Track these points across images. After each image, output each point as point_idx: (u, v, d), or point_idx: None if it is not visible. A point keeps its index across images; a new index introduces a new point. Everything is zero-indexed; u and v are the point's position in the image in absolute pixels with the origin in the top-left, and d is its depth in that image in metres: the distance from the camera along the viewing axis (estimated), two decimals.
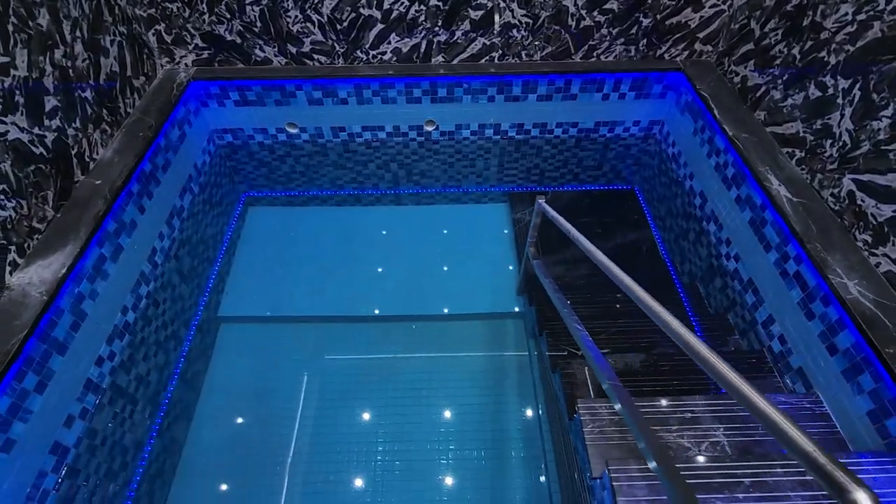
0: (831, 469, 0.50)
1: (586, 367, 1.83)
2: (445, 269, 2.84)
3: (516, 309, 2.64)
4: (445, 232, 3.03)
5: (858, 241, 1.61)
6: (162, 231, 2.20)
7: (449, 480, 2.06)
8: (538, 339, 2.31)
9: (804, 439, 0.57)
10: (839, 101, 1.68)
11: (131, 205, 1.98)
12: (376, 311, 2.65)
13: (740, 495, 1.17)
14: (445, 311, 2.65)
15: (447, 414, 2.25)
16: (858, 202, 1.60)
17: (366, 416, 2.25)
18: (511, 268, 2.83)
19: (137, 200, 2.02)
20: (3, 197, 1.53)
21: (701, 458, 1.23)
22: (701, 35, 2.40)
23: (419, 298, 2.70)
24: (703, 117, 2.30)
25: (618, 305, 2.29)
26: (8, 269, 1.55)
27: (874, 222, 1.54)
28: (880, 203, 1.52)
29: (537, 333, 2.31)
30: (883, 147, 1.52)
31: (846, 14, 1.65)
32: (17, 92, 1.59)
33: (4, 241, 1.54)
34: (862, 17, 1.59)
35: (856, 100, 1.61)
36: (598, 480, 1.33)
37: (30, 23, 1.63)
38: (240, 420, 2.25)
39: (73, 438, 1.64)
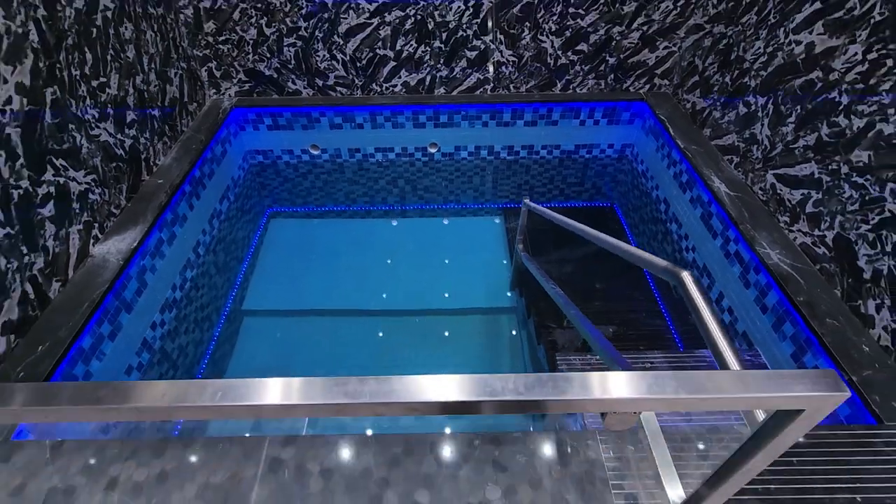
0: (664, 263, 0.84)
1: (565, 334, 2.14)
2: (446, 272, 3.19)
3: (509, 304, 2.97)
4: (446, 241, 3.40)
5: (780, 222, 1.97)
6: (204, 228, 2.58)
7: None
8: (528, 323, 2.63)
9: (644, 254, 0.91)
10: (759, 114, 2.10)
11: (184, 202, 2.38)
12: (384, 307, 2.98)
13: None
14: (446, 306, 2.98)
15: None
16: (778, 191, 1.98)
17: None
18: (505, 271, 3.18)
19: (189, 199, 2.42)
20: (93, 184, 1.93)
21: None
22: (658, 71, 2.88)
23: (422, 297, 3.03)
24: (663, 137, 2.73)
25: (597, 286, 2.63)
26: (91, 241, 1.92)
27: (789, 205, 1.92)
28: (792, 189, 1.90)
29: (526, 317, 2.63)
30: (791, 146, 1.92)
31: (759, 48, 2.10)
32: (109, 105, 2.03)
33: (91, 219, 1.92)
34: (770, 49, 2.04)
35: (770, 112, 2.03)
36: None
37: (121, 55, 2.10)
38: None
39: None
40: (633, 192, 3.20)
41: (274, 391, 0.52)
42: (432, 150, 3.16)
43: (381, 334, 2.81)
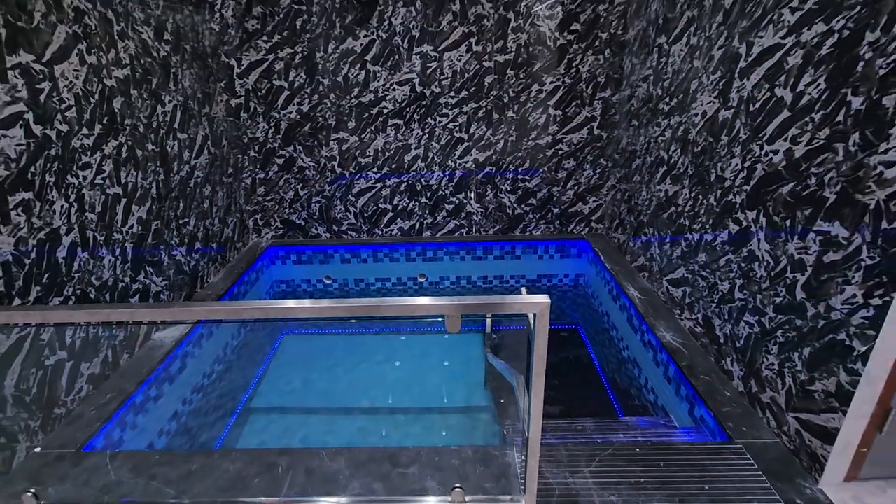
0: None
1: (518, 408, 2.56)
2: (431, 377, 3.65)
3: (484, 401, 3.36)
4: (432, 353, 3.93)
5: (675, 314, 2.57)
6: (234, 333, 3.22)
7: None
8: (495, 408, 3.02)
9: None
10: (652, 241, 2.86)
11: None
12: (375, 405, 3.39)
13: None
14: (429, 404, 3.38)
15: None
16: (671, 292, 2.62)
17: None
18: (481, 377, 3.63)
19: None
20: (164, 288, 2.67)
21: None
22: (593, 218, 3.78)
23: (407, 399, 3.46)
24: (599, 265, 3.48)
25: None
26: (154, 329, 2.58)
27: (677, 301, 2.54)
28: (676, 288, 2.55)
29: (496, 405, 3.03)
30: (670, 258, 2.62)
31: (644, 196, 2.97)
32: (186, 237, 2.89)
33: None
34: (648, 195, 2.90)
35: (656, 238, 2.79)
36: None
37: (200, 206, 3.05)
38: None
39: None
40: (589, 313, 3.82)
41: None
42: (421, 280, 3.92)
43: (364, 427, 3.18)
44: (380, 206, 3.75)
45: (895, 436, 1.50)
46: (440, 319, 1.15)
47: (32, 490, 1.44)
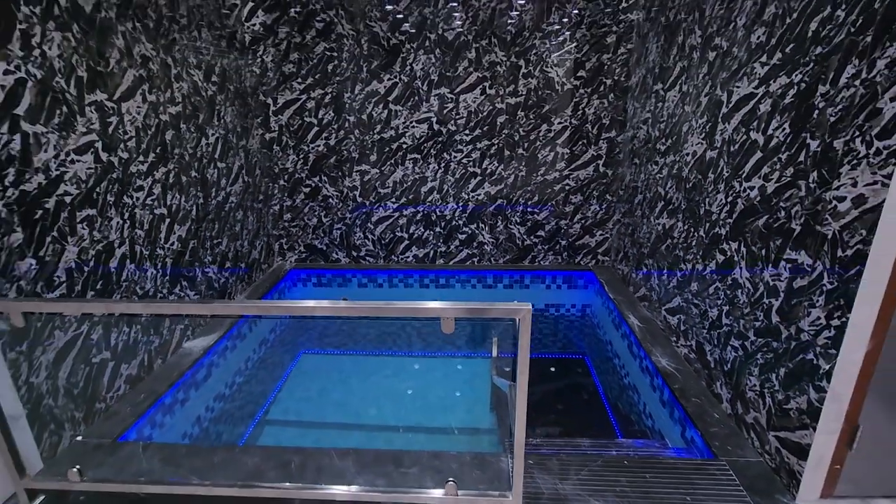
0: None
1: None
2: (440, 400, 3.77)
3: (488, 424, 3.46)
4: (442, 376, 4.05)
5: (672, 341, 2.68)
6: (255, 348, 3.43)
7: None
8: (500, 430, 3.11)
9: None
10: (652, 272, 3.00)
11: (245, 326, 3.30)
12: (383, 423, 3.51)
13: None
14: (436, 424, 3.49)
15: None
16: (668, 320, 2.75)
17: None
18: (487, 399, 3.73)
19: (249, 325, 3.35)
20: (197, 301, 2.92)
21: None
22: (599, 251, 3.94)
23: (414, 418, 3.58)
24: (604, 296, 3.61)
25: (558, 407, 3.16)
26: (185, 338, 2.81)
27: (674, 328, 2.66)
28: (673, 316, 2.67)
29: (499, 425, 3.12)
30: (668, 287, 2.76)
31: (645, 230, 3.13)
32: (218, 256, 3.16)
33: (189, 323, 2.84)
34: (648, 229, 3.06)
35: (655, 270, 2.94)
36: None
37: (233, 229, 3.33)
38: None
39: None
40: (596, 343, 3.92)
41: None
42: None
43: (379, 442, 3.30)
44: (397, 234, 3.99)
45: (866, 455, 1.59)
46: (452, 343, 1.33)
47: (77, 467, 1.64)
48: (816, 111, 1.55)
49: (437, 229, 3.96)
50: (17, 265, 1.75)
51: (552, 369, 4.05)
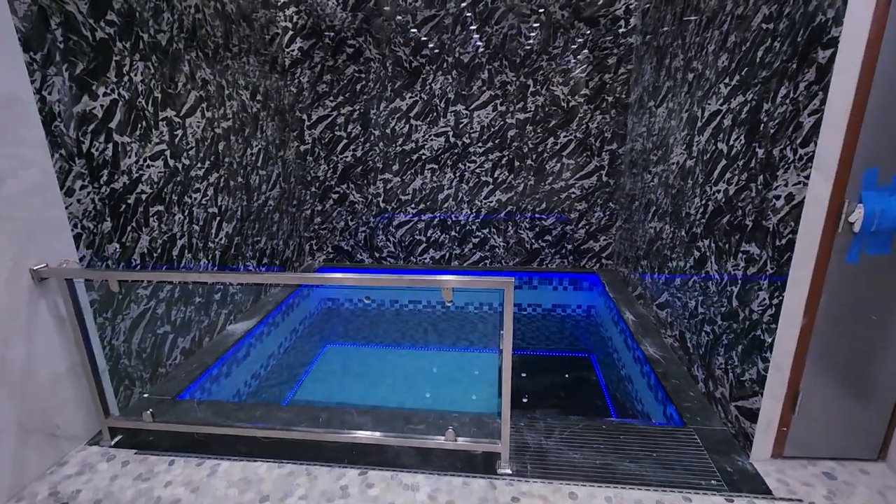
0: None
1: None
2: (451, 391, 4.07)
3: (496, 408, 3.73)
4: (454, 369, 4.36)
5: (661, 333, 2.94)
6: (286, 336, 3.83)
7: None
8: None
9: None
10: (646, 273, 3.27)
11: (280, 315, 3.70)
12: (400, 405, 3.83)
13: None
14: (447, 408, 3.78)
15: None
16: (660, 316, 3.01)
17: None
18: (495, 389, 4.01)
19: (283, 314, 3.75)
20: (238, 292, 3.33)
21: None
22: (603, 255, 4.21)
23: (429, 402, 3.88)
24: (605, 296, 3.88)
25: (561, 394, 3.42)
26: (228, 322, 3.22)
27: (664, 322, 2.92)
28: (662, 311, 2.93)
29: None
30: (659, 285, 3.02)
31: (641, 233, 3.41)
32: (257, 253, 3.58)
33: (232, 309, 3.25)
34: (643, 233, 3.34)
35: (649, 270, 3.21)
36: None
37: (270, 229, 3.76)
38: None
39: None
40: (600, 342, 4.17)
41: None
42: (448, 304, 4.42)
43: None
44: (415, 237, 4.36)
45: (811, 420, 1.84)
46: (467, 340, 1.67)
47: (150, 410, 2.03)
48: (762, 124, 1.84)
49: (453, 233, 4.31)
50: (106, 248, 2.18)
51: (565, 375, 4.31)
